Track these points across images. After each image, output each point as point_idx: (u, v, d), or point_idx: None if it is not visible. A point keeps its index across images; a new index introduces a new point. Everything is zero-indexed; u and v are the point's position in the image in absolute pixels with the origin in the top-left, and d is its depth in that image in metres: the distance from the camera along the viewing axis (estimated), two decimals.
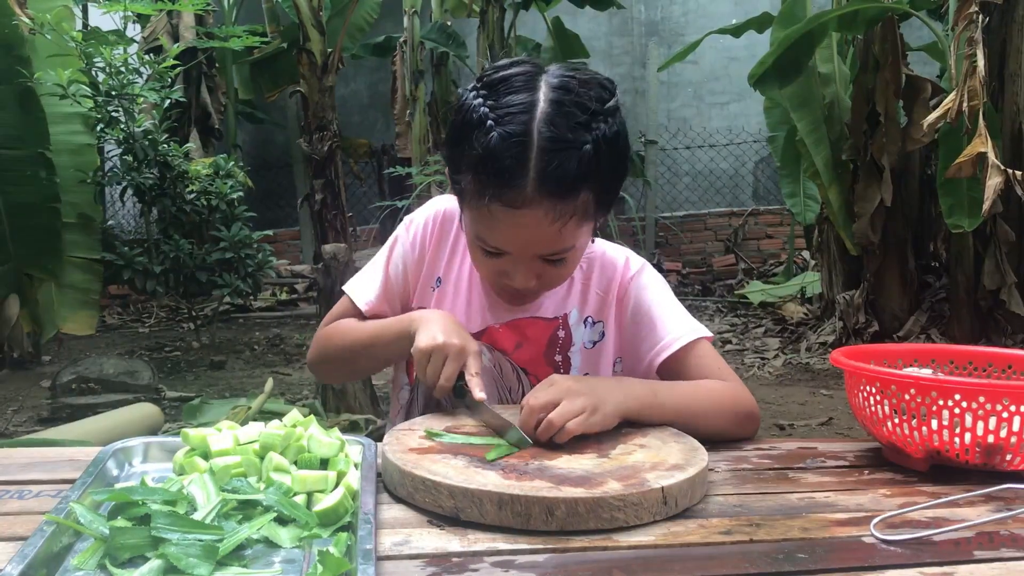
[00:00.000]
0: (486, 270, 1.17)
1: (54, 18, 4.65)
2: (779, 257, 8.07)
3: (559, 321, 1.24)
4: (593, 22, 8.29)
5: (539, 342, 1.23)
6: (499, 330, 1.23)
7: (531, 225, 1.05)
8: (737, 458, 1.07)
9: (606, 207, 1.12)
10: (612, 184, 1.10)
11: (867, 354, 1.14)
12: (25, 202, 4.67)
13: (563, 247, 1.09)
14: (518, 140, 1.02)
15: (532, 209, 1.03)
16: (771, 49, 4.80)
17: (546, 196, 1.03)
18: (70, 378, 4.09)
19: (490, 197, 1.03)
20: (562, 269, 1.14)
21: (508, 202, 1.03)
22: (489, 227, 1.08)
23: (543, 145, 1.02)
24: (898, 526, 0.84)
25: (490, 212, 1.05)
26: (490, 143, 1.02)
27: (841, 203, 5.02)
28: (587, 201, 1.07)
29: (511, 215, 1.04)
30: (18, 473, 1.00)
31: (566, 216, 1.05)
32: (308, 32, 6.63)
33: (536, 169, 1.02)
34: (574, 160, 1.02)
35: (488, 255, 1.12)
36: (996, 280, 4.46)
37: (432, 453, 0.94)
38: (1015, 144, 4.35)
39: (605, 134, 1.05)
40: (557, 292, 1.25)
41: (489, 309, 1.24)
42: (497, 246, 1.09)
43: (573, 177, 1.02)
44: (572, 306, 1.24)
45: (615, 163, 1.08)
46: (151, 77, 5.13)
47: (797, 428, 3.68)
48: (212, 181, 5.16)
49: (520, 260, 1.10)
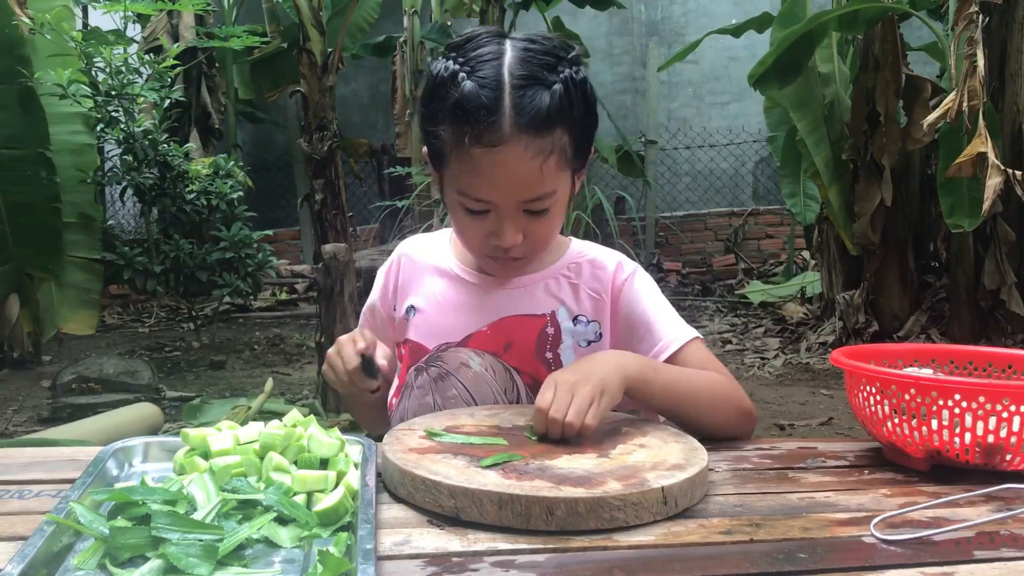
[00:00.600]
0: (472, 235, 1.16)
1: (54, 18, 4.65)
2: (779, 257, 8.08)
3: (547, 318, 1.22)
4: (593, 22, 8.30)
5: (528, 340, 1.21)
6: (486, 332, 1.22)
7: (511, 162, 1.06)
8: (737, 458, 1.07)
9: (582, 156, 1.15)
10: (585, 129, 1.13)
11: (867, 354, 1.14)
12: (25, 202, 4.67)
13: (544, 190, 1.10)
14: (491, 82, 1.06)
15: (511, 145, 1.05)
16: (771, 49, 4.80)
17: (523, 131, 1.05)
18: (70, 378, 4.09)
19: (469, 140, 1.06)
20: (546, 223, 1.15)
21: (487, 142, 1.05)
22: (471, 177, 1.09)
23: (515, 83, 1.06)
24: (898, 526, 0.84)
25: (471, 158, 1.07)
26: (464, 89, 1.06)
27: (841, 203, 5.02)
28: (563, 142, 1.09)
29: (491, 155, 1.06)
30: (18, 473, 1.00)
31: (545, 152, 1.07)
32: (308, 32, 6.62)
33: (510, 105, 1.05)
34: (546, 96, 1.06)
35: (472, 215, 1.13)
36: (996, 280, 4.46)
37: (432, 453, 0.94)
38: (1015, 144, 4.36)
39: (573, 77, 1.09)
40: (543, 288, 1.24)
41: (471, 313, 1.23)
42: (480, 196, 1.10)
43: (547, 111, 1.06)
44: (560, 303, 1.23)
45: (586, 107, 1.11)
46: (151, 77, 5.13)
47: (797, 428, 3.68)
48: (212, 181, 5.16)
49: (505, 211, 1.11)
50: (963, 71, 3.70)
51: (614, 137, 7.84)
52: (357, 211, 7.83)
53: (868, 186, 4.87)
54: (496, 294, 1.24)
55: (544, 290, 1.24)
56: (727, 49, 7.98)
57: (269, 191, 8.35)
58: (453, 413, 1.11)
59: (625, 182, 8.08)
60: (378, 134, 8.71)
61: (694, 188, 8.59)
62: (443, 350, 1.22)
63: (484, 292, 1.24)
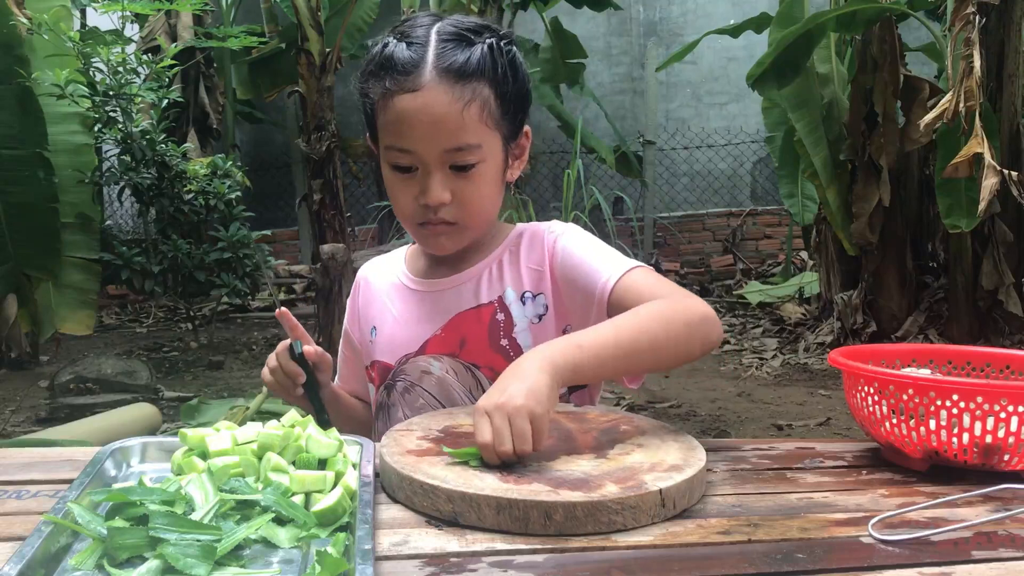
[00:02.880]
0: (403, 200, 1.16)
1: (52, 18, 4.64)
2: (777, 257, 8.08)
3: (494, 305, 1.21)
4: (591, 22, 8.30)
5: (481, 333, 1.20)
6: (440, 335, 1.22)
7: (432, 106, 1.09)
8: (736, 458, 1.07)
9: (511, 123, 1.16)
10: (513, 96, 1.15)
11: (865, 354, 1.14)
12: (23, 202, 4.67)
13: (467, 140, 1.11)
14: (418, 40, 1.12)
15: (430, 89, 1.09)
16: (769, 49, 4.81)
17: (443, 76, 1.10)
18: (68, 378, 4.09)
19: (392, 89, 1.10)
20: (474, 185, 1.14)
21: (408, 87, 1.09)
22: (396, 127, 1.12)
23: (441, 39, 1.12)
24: (896, 526, 0.85)
25: (394, 107, 1.11)
26: (392, 47, 1.13)
27: (839, 203, 5.02)
28: (486, 95, 1.12)
29: (412, 99, 1.09)
30: (16, 473, 1.00)
31: (465, 98, 1.09)
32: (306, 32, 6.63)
33: (433, 55, 1.11)
34: (468, 51, 1.11)
35: (401, 175, 1.14)
36: (994, 280, 4.46)
37: (430, 455, 0.93)
38: (1013, 144, 4.36)
39: (500, 45, 1.14)
40: (487, 276, 1.23)
41: (424, 321, 1.24)
42: (404, 146, 1.12)
43: (468, 60, 1.11)
44: (506, 286, 1.22)
45: (514, 76, 1.15)
46: (149, 77, 5.13)
47: (795, 428, 3.69)
48: (210, 181, 5.16)
49: (429, 163, 1.12)
50: (960, 72, 3.71)
51: (612, 137, 7.84)
52: (355, 211, 7.83)
53: (866, 186, 4.87)
54: (443, 295, 1.24)
55: (487, 278, 1.23)
56: (725, 49, 7.98)
57: (267, 191, 8.34)
58: (451, 412, 1.11)
59: (623, 182, 8.08)
60: None
61: (692, 188, 8.59)
62: (404, 363, 1.23)
63: (432, 296, 1.25)
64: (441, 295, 1.24)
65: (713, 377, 4.73)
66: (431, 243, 1.21)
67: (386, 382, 1.25)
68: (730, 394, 4.34)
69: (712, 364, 5.03)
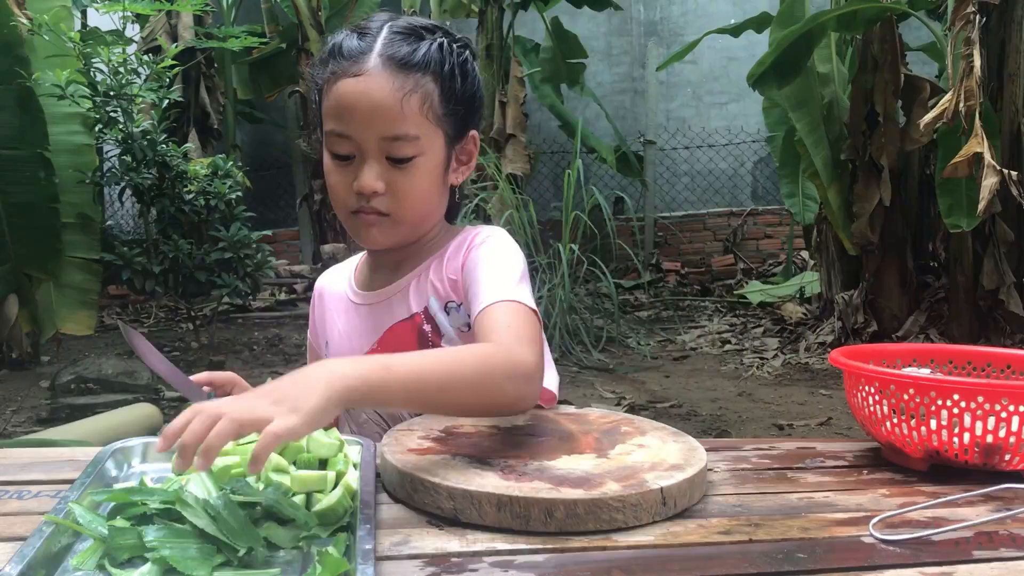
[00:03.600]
0: (339, 189, 1.15)
1: (52, 18, 4.64)
2: (778, 257, 8.08)
3: (420, 316, 1.19)
4: (592, 22, 8.29)
5: (412, 344, 1.18)
6: (376, 349, 1.20)
7: (372, 91, 1.09)
8: (736, 458, 1.07)
9: (455, 121, 1.16)
10: (459, 96, 1.15)
11: (866, 354, 1.14)
12: (24, 202, 4.67)
13: (405, 130, 1.10)
14: (370, 33, 1.14)
15: (373, 75, 1.10)
16: (770, 49, 4.81)
17: (386, 64, 1.11)
18: (69, 378, 4.09)
19: (337, 72, 1.12)
20: (410, 179, 1.13)
21: (352, 72, 1.11)
22: (336, 111, 1.12)
23: (391, 31, 1.13)
24: (897, 526, 0.85)
25: (337, 91, 1.12)
26: (343, 38, 1.15)
27: (840, 203, 5.02)
28: (429, 89, 1.12)
29: (355, 84, 1.10)
30: (17, 473, 1.00)
31: (406, 88, 1.10)
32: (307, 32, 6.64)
33: (380, 45, 1.12)
34: (416, 44, 1.13)
35: (338, 163, 1.14)
36: (995, 280, 4.46)
37: (431, 454, 0.94)
38: (1014, 144, 4.36)
39: (451, 45, 1.15)
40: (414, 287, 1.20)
41: (361, 335, 1.23)
42: (342, 130, 1.12)
43: (413, 52, 1.12)
44: (429, 295, 1.20)
45: (462, 77, 1.15)
46: (150, 77, 5.13)
47: (796, 428, 3.69)
48: (211, 181, 5.15)
49: (366, 149, 1.11)
50: (960, 71, 3.70)
51: (613, 137, 7.84)
52: None
53: (867, 186, 4.87)
54: (377, 308, 1.23)
55: (415, 287, 1.21)
56: (726, 49, 7.97)
57: (268, 191, 8.34)
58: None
59: (624, 182, 8.08)
60: None
61: (693, 188, 8.59)
62: None
63: (369, 309, 1.24)
64: (376, 308, 1.23)
65: (714, 377, 4.73)
66: (363, 234, 1.18)
67: None
68: (731, 394, 4.34)
69: (713, 364, 5.03)
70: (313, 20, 6.64)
